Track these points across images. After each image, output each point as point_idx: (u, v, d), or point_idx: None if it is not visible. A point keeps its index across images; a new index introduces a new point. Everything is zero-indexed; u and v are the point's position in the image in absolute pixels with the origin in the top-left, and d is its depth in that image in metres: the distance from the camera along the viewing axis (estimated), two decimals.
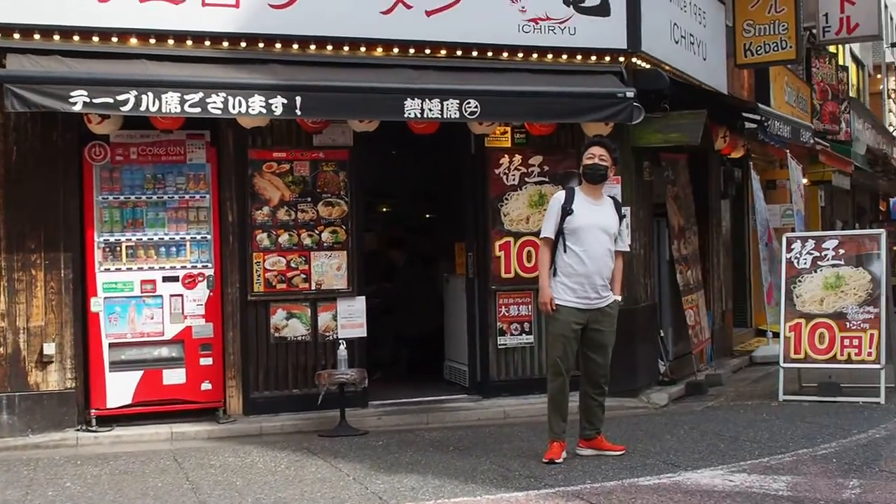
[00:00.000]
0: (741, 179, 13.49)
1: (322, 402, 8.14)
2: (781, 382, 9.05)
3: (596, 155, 6.63)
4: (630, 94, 8.77)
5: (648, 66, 9.58)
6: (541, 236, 6.73)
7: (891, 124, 32.84)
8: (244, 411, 8.41)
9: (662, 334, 10.13)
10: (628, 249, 7.11)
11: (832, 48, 19.58)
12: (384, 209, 12.86)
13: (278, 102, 7.59)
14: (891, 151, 26.78)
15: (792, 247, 9.34)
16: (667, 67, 9.83)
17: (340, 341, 8.34)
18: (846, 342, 8.77)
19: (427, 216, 12.50)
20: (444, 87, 8.15)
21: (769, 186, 15.04)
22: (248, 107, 7.52)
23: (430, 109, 8.01)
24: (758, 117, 10.98)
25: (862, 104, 25.12)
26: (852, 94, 23.27)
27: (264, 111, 7.58)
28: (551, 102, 8.58)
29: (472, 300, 9.30)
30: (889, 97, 33.12)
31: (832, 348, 8.84)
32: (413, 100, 7.96)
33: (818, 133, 17.69)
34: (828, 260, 9.09)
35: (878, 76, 32.12)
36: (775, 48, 12.79)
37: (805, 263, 9.19)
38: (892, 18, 37.46)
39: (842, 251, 9.08)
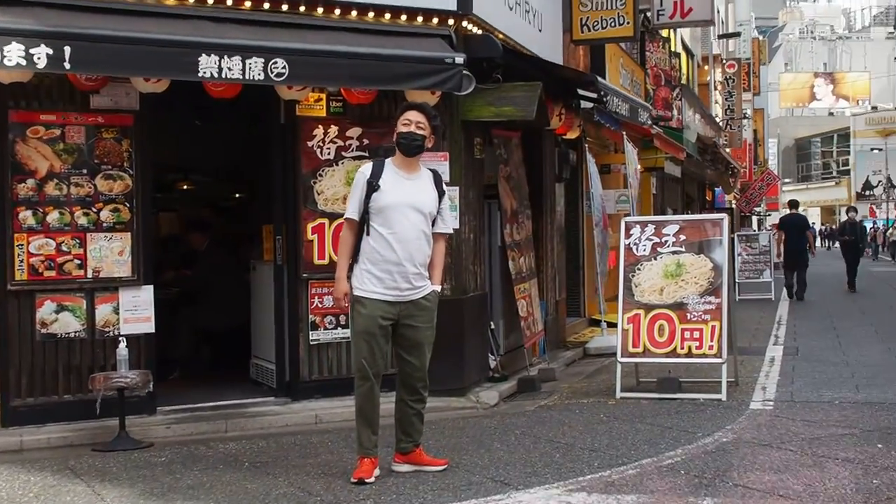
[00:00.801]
0: (576, 162, 12.86)
1: (101, 410, 6.91)
2: (619, 379, 8.37)
3: (413, 121, 5.65)
4: (460, 61, 7.85)
5: (480, 32, 8.69)
6: (344, 217, 5.74)
7: (717, 115, 33.43)
8: (2, 422, 7.06)
9: (493, 326, 9.31)
10: (451, 232, 6.14)
11: (665, 33, 19.34)
12: (186, 187, 11.53)
13: (42, 53, 6.28)
14: (718, 140, 27.10)
15: (631, 232, 8.66)
16: (500, 35, 8.99)
17: (121, 338, 7.11)
18: (686, 335, 8.13)
19: (237, 195, 11.29)
20: (246, 43, 7.00)
21: (604, 171, 14.51)
22: (2, 56, 6.19)
23: (230, 69, 6.85)
24: (594, 95, 10.33)
25: (693, 92, 25.24)
26: (683, 82, 23.27)
27: (24, 63, 6.25)
28: (371, 66, 7.56)
29: (280, 290, 8.19)
30: (716, 88, 33.70)
31: (672, 341, 8.19)
32: (209, 56, 6.78)
33: (652, 119, 17.38)
34: (668, 246, 8.45)
35: (706, 67, 32.61)
36: (612, 24, 12.21)
37: (644, 250, 8.53)
38: (718, 11, 38.27)
39: (682, 237, 8.45)
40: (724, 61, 34.36)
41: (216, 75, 6.83)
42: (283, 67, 7.00)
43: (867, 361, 10.16)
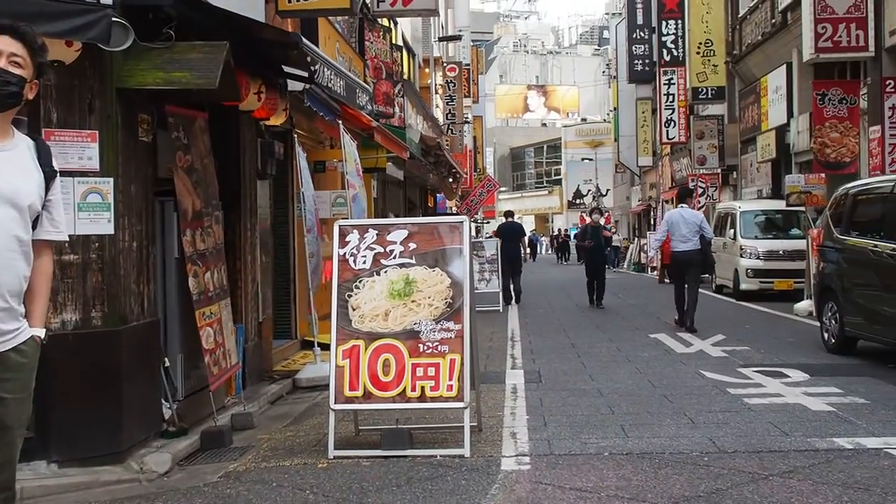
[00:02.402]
0: (284, 156, 10.81)
1: None
2: (332, 433, 6.38)
3: (3, 53, 3.42)
4: (107, 1, 5.63)
5: None
6: None
7: (439, 119, 32.43)
8: None
9: (168, 364, 7.07)
10: (64, 239, 3.90)
11: (386, 23, 17.70)
12: None
13: None
14: (441, 142, 25.90)
15: (347, 239, 6.71)
16: None
17: None
18: (419, 372, 6.28)
19: None
20: None
21: (318, 169, 12.56)
22: None
23: None
24: (304, 74, 8.37)
25: (415, 89, 23.86)
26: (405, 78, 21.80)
27: None
28: None
29: None
30: (437, 92, 32.73)
31: (401, 381, 6.31)
32: None
33: (372, 115, 15.63)
34: (394, 258, 6.58)
35: (427, 70, 31.54)
36: None
37: (364, 262, 6.61)
38: (438, 14, 37.43)
39: (413, 246, 6.60)
40: (446, 64, 33.48)
41: None
42: None
43: (621, 388, 8.80)
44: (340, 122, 10.56)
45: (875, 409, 7.51)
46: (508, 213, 21.03)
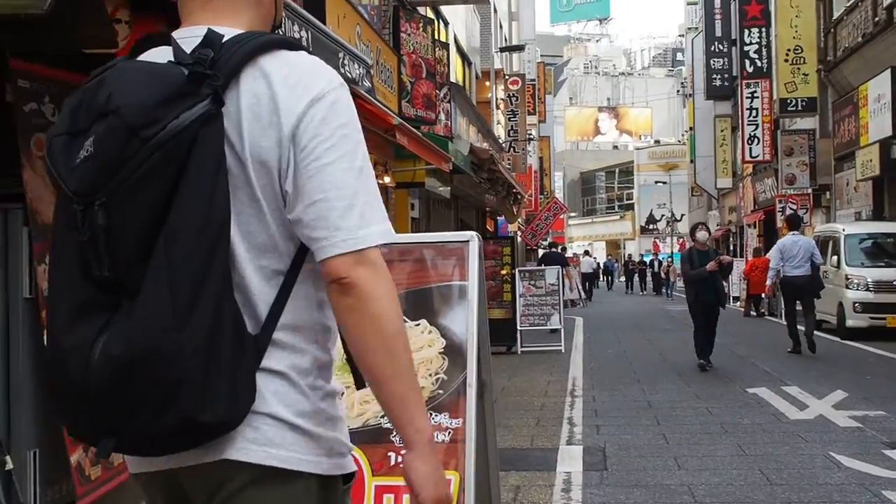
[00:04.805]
0: None
1: None
2: None
3: None
4: None
5: None
6: None
7: (499, 136, 29.92)
8: None
9: (11, 465, 4.54)
10: None
11: (429, 12, 15.21)
12: None
13: None
14: (497, 157, 23.39)
15: None
16: None
17: None
18: (388, 502, 3.67)
19: None
20: None
21: None
22: None
23: None
24: None
25: (467, 96, 21.36)
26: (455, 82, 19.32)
27: None
28: None
29: None
30: (498, 107, 30.24)
31: None
32: None
33: (410, 120, 13.15)
34: None
35: (488, 83, 29.08)
36: None
37: None
38: (501, 26, 35.05)
39: None
40: (507, 77, 30.97)
41: None
42: None
43: (722, 484, 6.09)
44: None
45: None
46: (552, 244, 18.39)
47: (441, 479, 1.69)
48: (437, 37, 16.05)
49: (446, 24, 20.01)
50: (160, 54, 1.70)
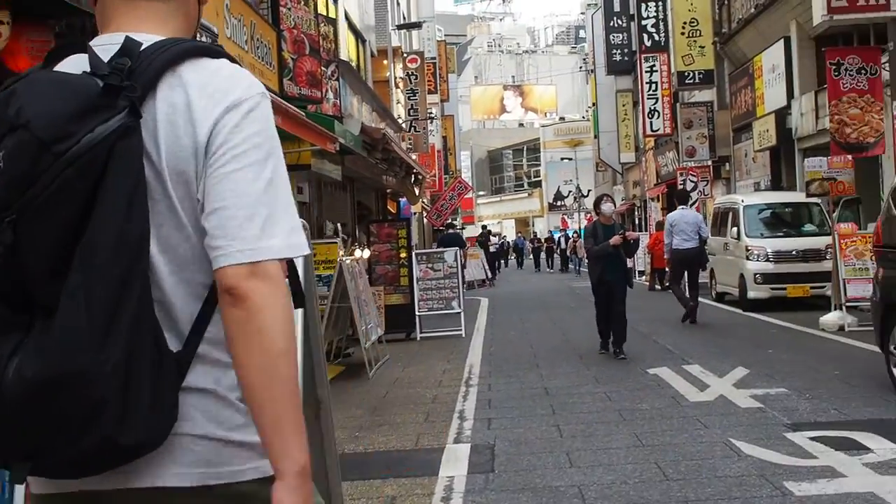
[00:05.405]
0: None
1: None
2: None
3: None
4: None
5: None
6: None
7: (399, 116, 29.30)
8: None
9: None
10: None
11: None
12: None
13: None
14: (391, 135, 22.81)
15: None
16: None
17: None
18: None
19: None
20: None
21: None
22: None
23: None
24: None
25: (358, 75, 20.68)
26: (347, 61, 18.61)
27: None
28: None
29: None
30: (397, 86, 29.57)
31: None
32: None
33: (294, 99, 12.46)
34: None
35: (385, 62, 28.39)
36: None
37: None
38: (398, 3, 34.34)
39: None
40: (406, 55, 30.31)
41: None
42: None
43: (616, 483, 5.62)
44: None
45: None
46: (450, 225, 17.89)
47: None
48: (322, 12, 15.31)
49: None
50: (76, 63, 1.64)
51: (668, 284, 23.80)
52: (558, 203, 73.16)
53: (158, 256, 1.59)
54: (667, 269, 21.08)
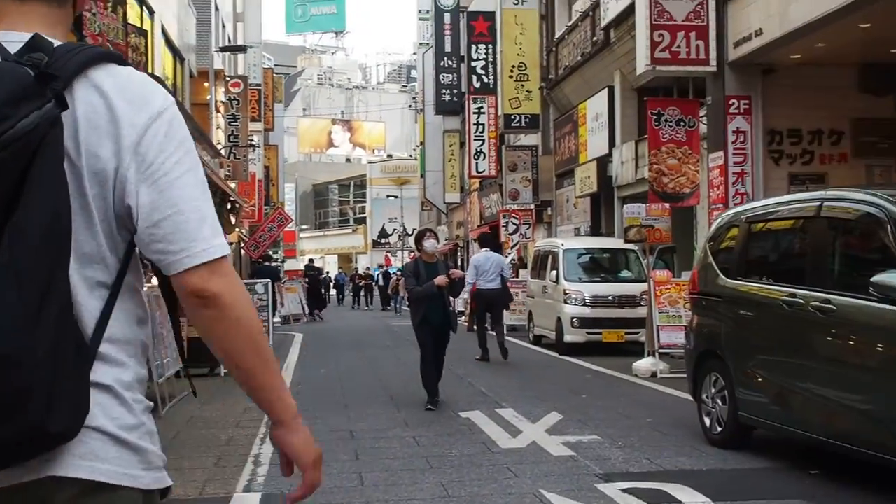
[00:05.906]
0: None
1: None
2: None
3: None
4: None
5: None
6: None
7: (219, 142, 28.24)
8: None
9: None
10: None
11: None
12: None
13: None
14: (216, 169, 21.91)
15: None
16: None
17: None
18: None
19: None
20: None
21: None
22: None
23: None
24: None
25: (172, 91, 19.67)
26: (165, 83, 17.64)
27: None
28: None
29: None
30: (218, 110, 28.53)
31: None
32: None
33: None
34: None
35: (207, 84, 27.36)
36: None
37: None
38: (224, 26, 33.37)
39: None
40: (229, 79, 29.33)
41: None
42: None
43: None
44: None
45: None
46: (267, 258, 17.41)
47: (311, 442, 1.83)
48: (132, 22, 14.39)
49: (151, 11, 18.26)
50: None
51: (486, 326, 23.78)
52: (383, 241, 72.91)
53: None
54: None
